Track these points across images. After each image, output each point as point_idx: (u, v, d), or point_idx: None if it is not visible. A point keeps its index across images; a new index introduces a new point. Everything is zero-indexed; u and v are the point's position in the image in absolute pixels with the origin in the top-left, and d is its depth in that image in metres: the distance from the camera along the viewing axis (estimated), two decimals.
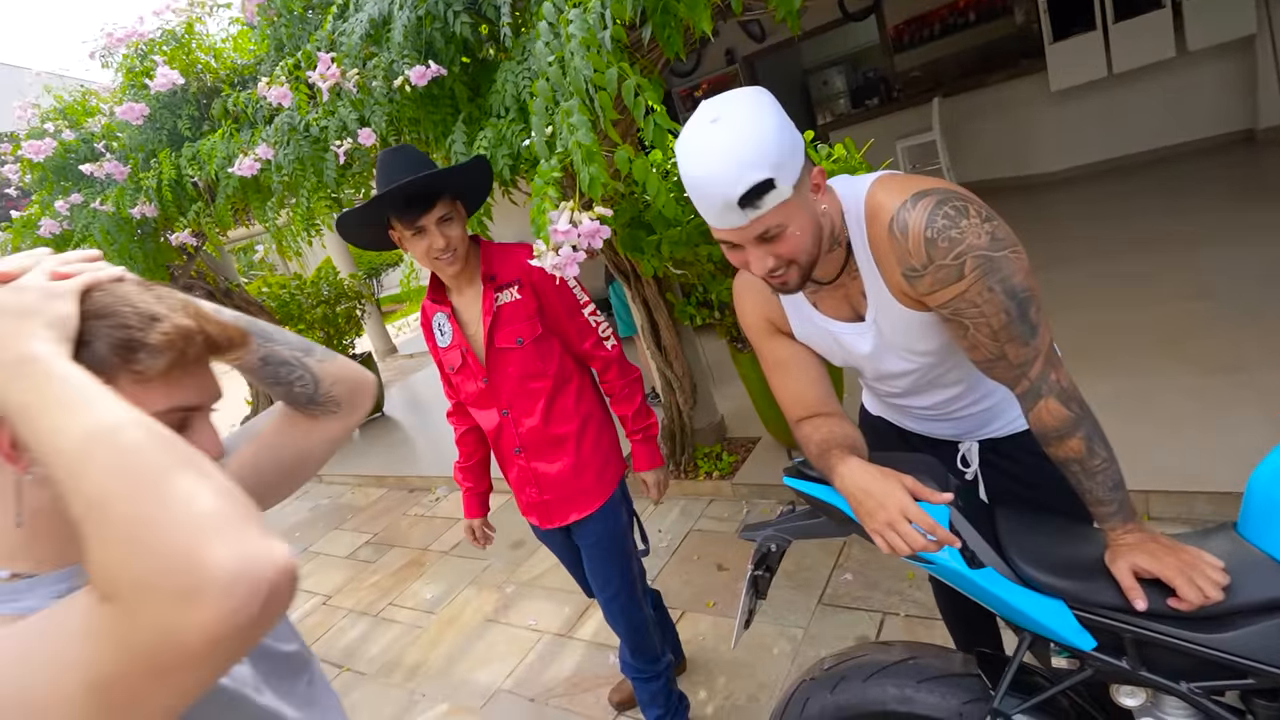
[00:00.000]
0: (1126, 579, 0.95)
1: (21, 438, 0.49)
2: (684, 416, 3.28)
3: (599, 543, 1.74)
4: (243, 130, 2.63)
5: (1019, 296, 0.95)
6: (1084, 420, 0.99)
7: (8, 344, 0.49)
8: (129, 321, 0.56)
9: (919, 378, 1.18)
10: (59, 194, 3.55)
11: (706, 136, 0.89)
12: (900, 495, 0.96)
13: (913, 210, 0.96)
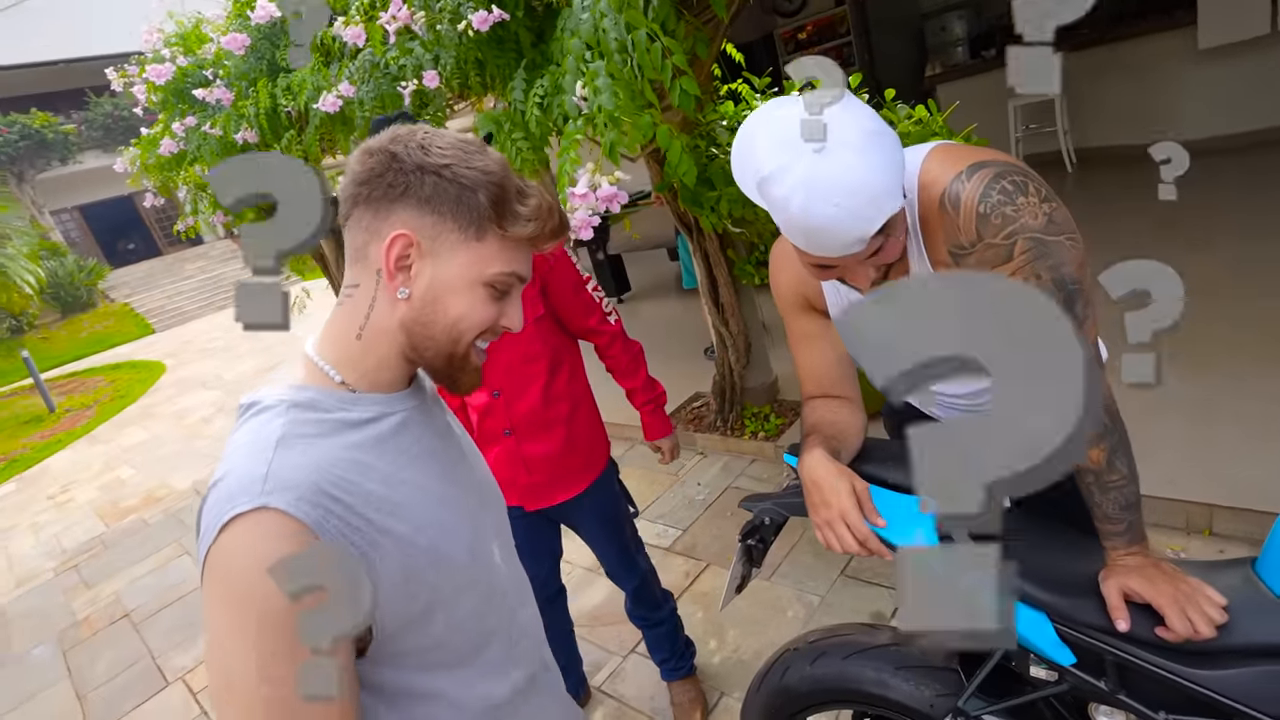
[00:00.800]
0: (1114, 598, 0.92)
1: (410, 262, 0.68)
2: (735, 375, 3.28)
3: (596, 517, 1.78)
4: (331, 65, 2.75)
5: (1067, 288, 0.88)
6: (1110, 433, 0.94)
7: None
8: (510, 186, 0.70)
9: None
10: (177, 116, 3.84)
11: (819, 171, 0.78)
12: (843, 499, 0.96)
13: (967, 182, 0.89)
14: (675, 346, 4.81)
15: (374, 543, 0.65)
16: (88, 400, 9.69)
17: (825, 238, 0.83)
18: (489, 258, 0.70)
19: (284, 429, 0.65)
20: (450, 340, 0.72)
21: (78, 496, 5.78)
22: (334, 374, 0.71)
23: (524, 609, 0.89)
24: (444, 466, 0.77)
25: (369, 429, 0.70)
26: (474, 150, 0.71)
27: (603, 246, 6.15)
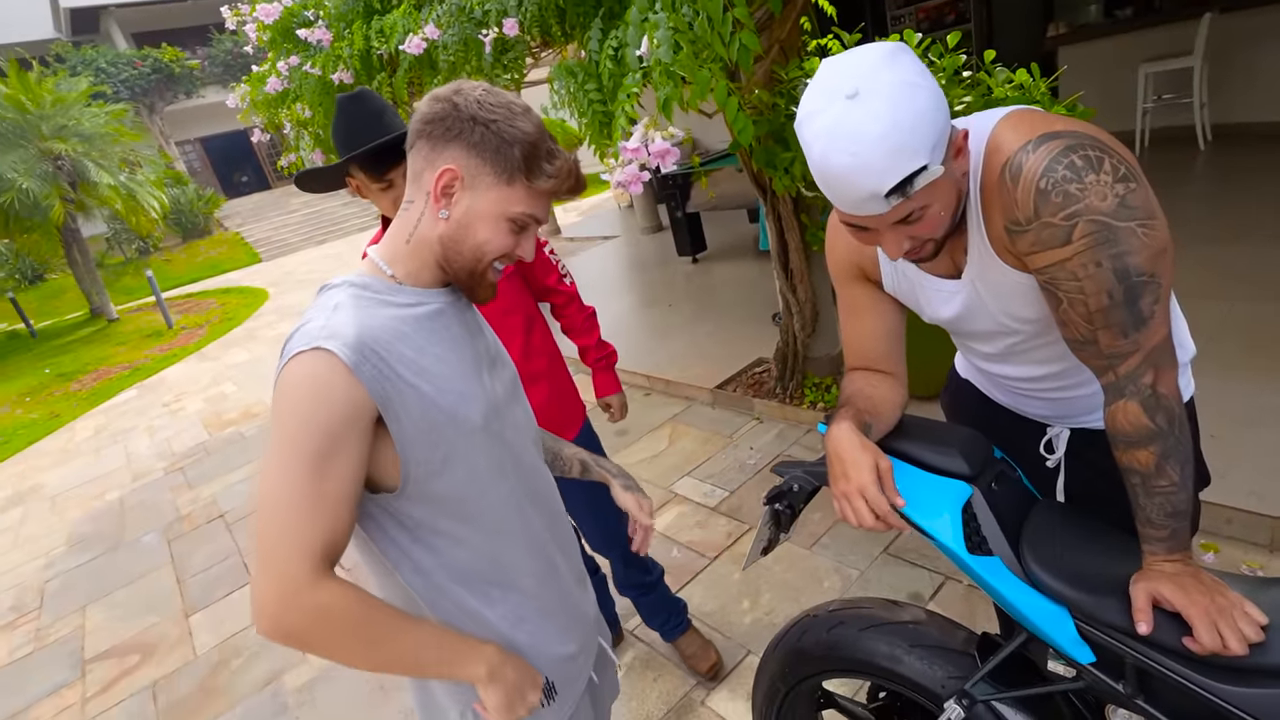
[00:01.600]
0: (1140, 600, 0.88)
1: (453, 191, 0.85)
2: (798, 342, 3.23)
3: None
4: (421, 9, 2.80)
5: (1132, 279, 0.81)
6: (1164, 436, 0.87)
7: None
8: (543, 147, 0.86)
9: (1011, 345, 1.08)
10: (283, 55, 4.03)
11: (845, 118, 0.77)
12: (864, 474, 0.95)
13: (1033, 153, 0.82)
14: (743, 309, 4.76)
15: (400, 392, 0.82)
16: (200, 320, 10.55)
17: (841, 187, 0.81)
18: (514, 199, 0.86)
19: (342, 298, 0.84)
20: (474, 258, 0.89)
21: (188, 406, 6.37)
22: (386, 268, 0.90)
23: (544, 502, 1.04)
24: (469, 352, 0.94)
25: (408, 310, 0.88)
26: (519, 112, 0.86)
27: (681, 205, 6.09)
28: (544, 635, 1.01)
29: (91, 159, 10.84)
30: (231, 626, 2.87)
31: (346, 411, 0.77)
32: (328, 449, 0.75)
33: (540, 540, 1.02)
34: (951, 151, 0.83)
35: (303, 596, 0.74)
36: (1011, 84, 2.34)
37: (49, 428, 6.73)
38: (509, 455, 0.96)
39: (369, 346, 0.80)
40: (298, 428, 0.76)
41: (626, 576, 1.96)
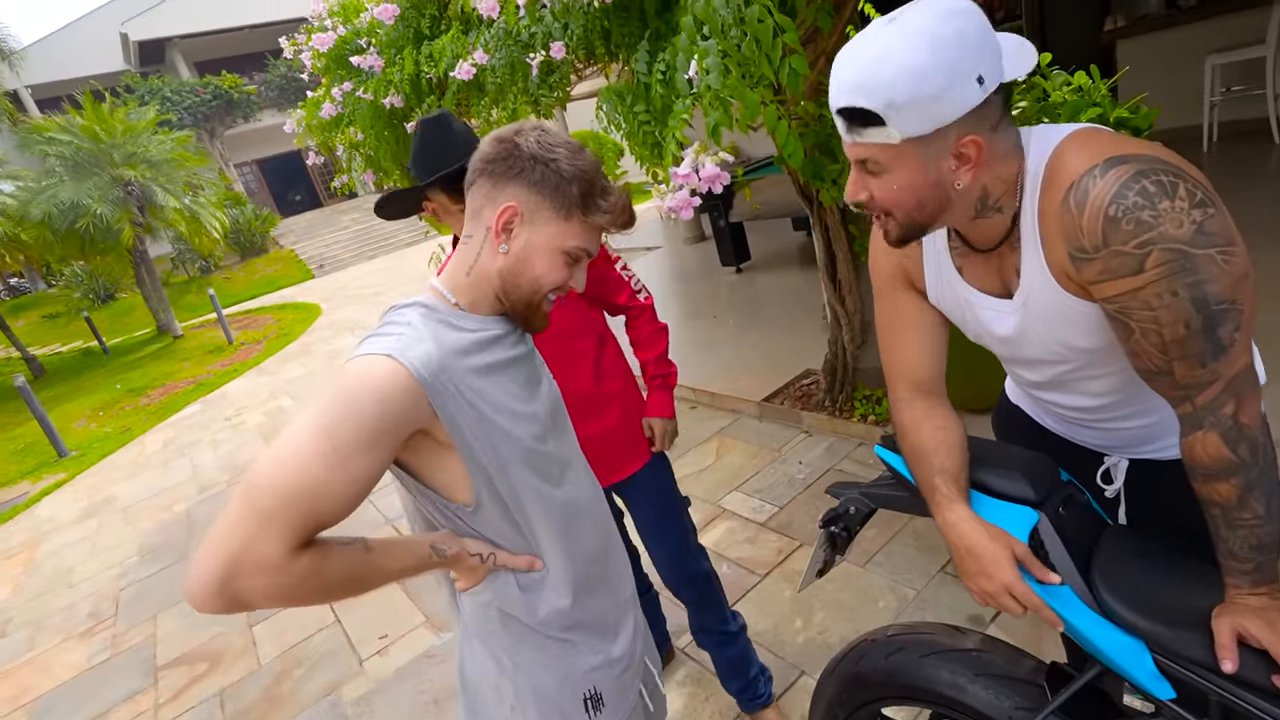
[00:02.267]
0: (1224, 636, 0.84)
1: (513, 226, 0.91)
2: (847, 354, 3.18)
3: (655, 492, 1.74)
4: (469, 33, 2.88)
5: (1211, 308, 0.77)
6: (1248, 469, 0.82)
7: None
8: (598, 184, 0.92)
9: (1063, 373, 1.03)
10: (336, 81, 4.18)
11: (863, 35, 0.82)
12: (1007, 571, 0.92)
13: (1100, 179, 0.79)
14: (789, 320, 4.71)
15: (462, 410, 0.88)
16: (258, 336, 10.98)
17: (833, 83, 0.84)
18: (570, 234, 0.92)
19: (413, 318, 0.90)
20: (531, 290, 0.95)
21: (248, 420, 6.63)
22: (450, 296, 0.96)
23: (596, 511, 1.10)
24: (521, 375, 1.00)
25: (470, 335, 0.93)
26: (576, 151, 0.92)
27: (724, 214, 6.07)
28: (592, 641, 1.06)
29: (158, 184, 11.42)
30: (292, 638, 2.97)
31: (397, 420, 0.82)
32: (362, 444, 0.79)
33: (592, 548, 1.07)
34: (942, 147, 0.82)
35: (272, 575, 0.75)
36: (1069, 86, 2.27)
37: (121, 441, 7.08)
38: (557, 467, 1.02)
39: (438, 364, 0.85)
40: (344, 416, 0.79)
41: (700, 619, 1.84)
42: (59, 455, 6.94)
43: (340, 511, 0.80)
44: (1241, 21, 5.21)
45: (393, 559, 0.90)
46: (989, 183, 0.88)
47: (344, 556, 0.84)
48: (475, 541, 0.97)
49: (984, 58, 0.79)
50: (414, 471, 0.93)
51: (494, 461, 0.92)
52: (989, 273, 0.99)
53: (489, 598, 1.00)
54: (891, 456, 1.20)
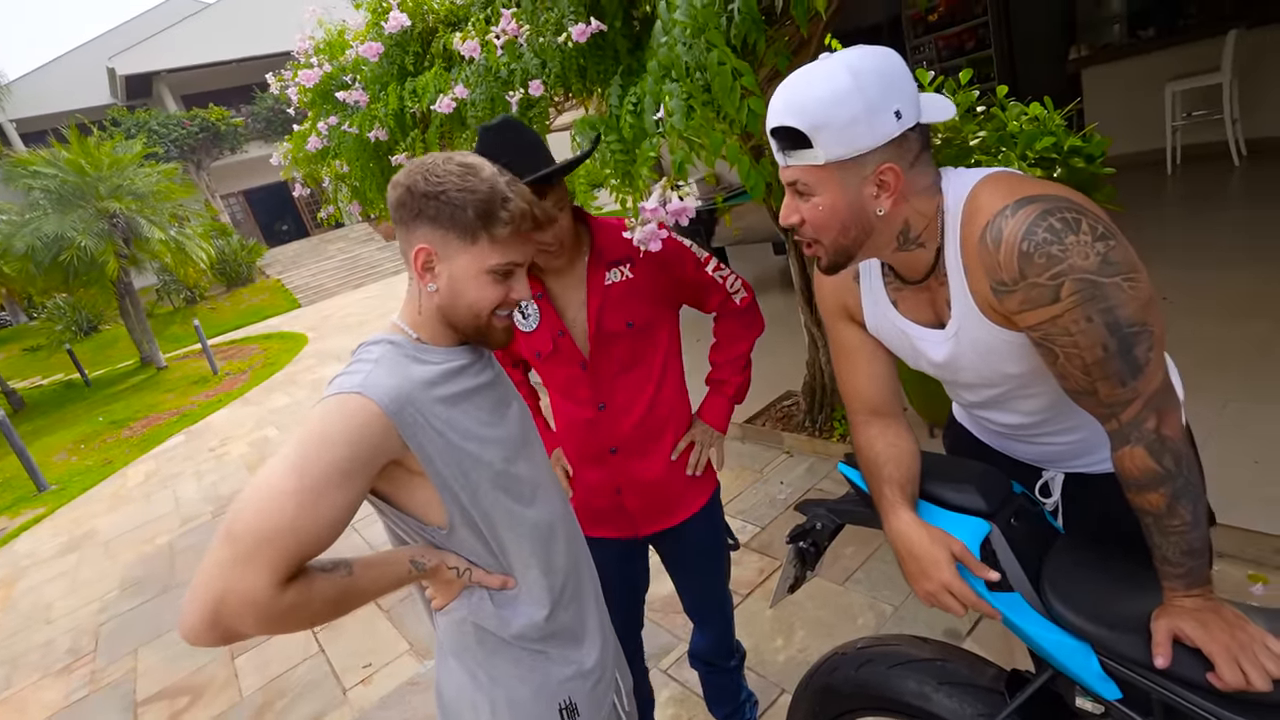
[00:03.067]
0: (1159, 635, 0.88)
1: (433, 265, 0.94)
2: (825, 376, 3.24)
3: (696, 549, 1.62)
4: (451, 69, 2.96)
5: (1123, 331, 0.84)
6: (1174, 478, 0.88)
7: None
8: (495, 198, 0.92)
9: (997, 394, 1.10)
10: (323, 115, 4.26)
11: (801, 69, 0.90)
12: (944, 570, 0.97)
13: (1011, 218, 0.86)
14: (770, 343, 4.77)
15: (431, 440, 0.92)
16: (244, 365, 10.93)
17: (769, 110, 0.92)
18: (484, 255, 0.94)
19: (380, 354, 0.94)
20: (472, 316, 0.98)
21: (232, 451, 6.58)
22: (411, 332, 1.00)
23: (569, 526, 1.15)
24: (488, 401, 1.03)
25: (435, 367, 0.97)
26: (467, 174, 0.93)
27: (707, 240, 6.17)
28: (565, 651, 1.09)
29: (144, 215, 11.43)
30: (275, 668, 2.94)
31: (369, 454, 0.86)
32: (334, 481, 0.82)
33: (567, 562, 1.11)
34: (862, 173, 0.90)
35: (260, 610, 0.79)
36: (1026, 116, 2.38)
37: (102, 474, 7.01)
38: (528, 488, 1.06)
39: (405, 396, 0.90)
40: (321, 452, 0.83)
41: (707, 653, 1.76)
42: (38, 490, 6.85)
43: (320, 545, 0.83)
44: (1198, 50, 5.43)
45: (375, 578, 0.94)
46: (910, 216, 0.95)
47: (328, 584, 0.87)
48: (453, 556, 1.01)
49: (901, 94, 0.88)
50: (390, 499, 0.97)
51: (465, 486, 0.96)
52: (921, 305, 1.06)
53: (464, 614, 1.03)
54: (853, 473, 1.25)
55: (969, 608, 0.99)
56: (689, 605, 1.73)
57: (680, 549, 1.63)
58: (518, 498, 1.03)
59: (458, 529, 0.98)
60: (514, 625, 1.04)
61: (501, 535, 1.02)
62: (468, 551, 1.01)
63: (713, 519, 1.63)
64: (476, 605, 1.03)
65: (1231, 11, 5.67)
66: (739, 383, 1.63)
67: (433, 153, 0.97)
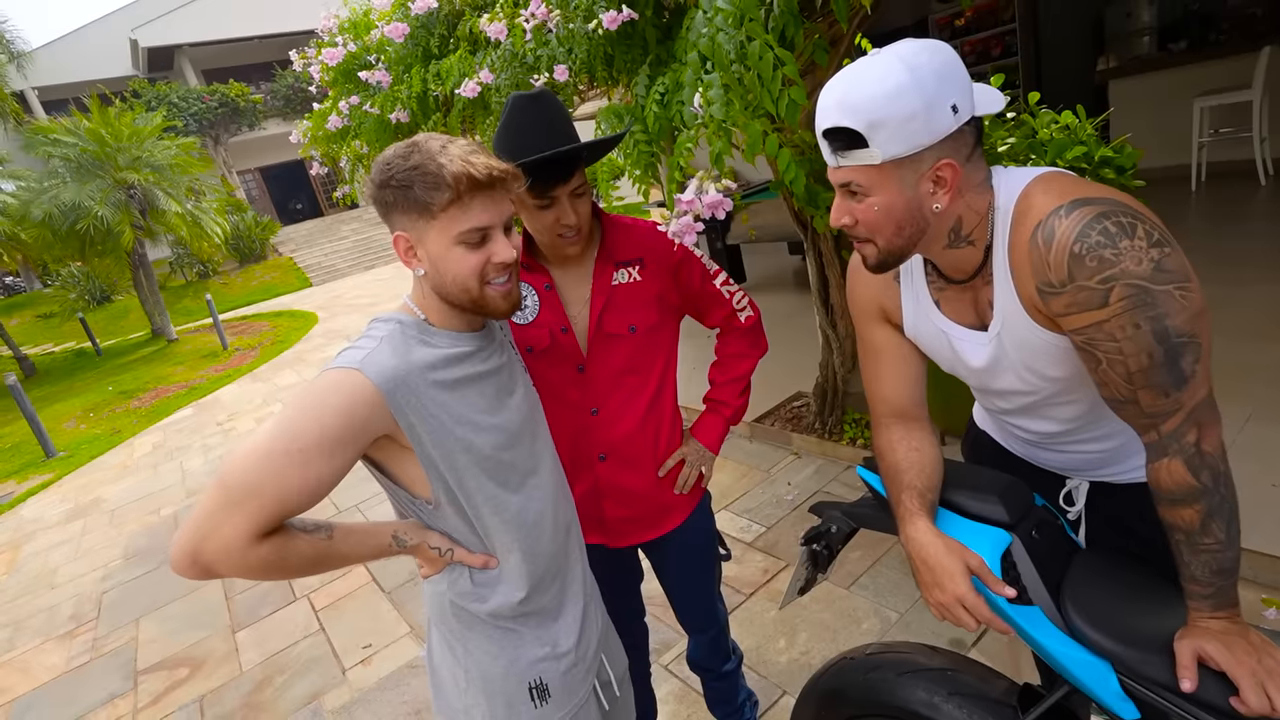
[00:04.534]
0: (1184, 657, 0.87)
1: (414, 249, 0.97)
2: (838, 378, 3.22)
3: (686, 558, 1.59)
4: (476, 54, 2.95)
5: (1172, 341, 0.82)
6: (1210, 494, 0.86)
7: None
8: (429, 168, 0.92)
9: (1033, 401, 1.08)
10: (344, 95, 4.25)
11: (849, 67, 0.88)
12: (959, 583, 0.95)
13: (1065, 218, 0.84)
14: (782, 342, 4.75)
15: (424, 420, 0.95)
16: (254, 342, 10.98)
17: (819, 110, 0.90)
18: (448, 224, 0.95)
19: (388, 332, 0.97)
20: (461, 289, 0.99)
21: (239, 426, 6.61)
22: (420, 314, 1.03)
23: (560, 513, 1.16)
24: (490, 388, 1.05)
25: (439, 351, 0.99)
26: (404, 155, 0.94)
27: (721, 236, 6.15)
28: (539, 632, 1.11)
29: (161, 188, 11.48)
30: (275, 644, 2.96)
31: (359, 426, 0.90)
32: (324, 450, 0.87)
33: (551, 547, 1.13)
34: (919, 170, 0.87)
35: (234, 557, 0.85)
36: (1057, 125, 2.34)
37: (110, 443, 7.06)
38: (518, 475, 1.08)
39: (400, 378, 0.93)
40: (310, 422, 0.87)
41: (704, 658, 1.74)
42: (46, 455, 6.91)
43: (301, 506, 0.88)
44: (1229, 66, 5.35)
45: (354, 545, 0.98)
46: (963, 212, 0.93)
47: (306, 543, 0.92)
48: (437, 535, 1.04)
49: (957, 88, 0.85)
50: (383, 468, 1.01)
51: (451, 468, 0.99)
52: (964, 306, 1.04)
53: (443, 588, 1.07)
54: (872, 477, 1.23)
55: (981, 622, 0.97)
56: (680, 614, 1.70)
57: (667, 559, 1.60)
58: (504, 484, 1.05)
59: (443, 505, 1.02)
60: (490, 603, 1.07)
61: (485, 518, 1.04)
62: (452, 528, 1.04)
63: (701, 529, 1.59)
64: (455, 580, 1.07)
65: (1265, 29, 5.58)
66: (737, 406, 1.59)
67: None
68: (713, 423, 1.56)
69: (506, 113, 1.24)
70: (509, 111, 1.24)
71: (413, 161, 0.93)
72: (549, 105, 1.23)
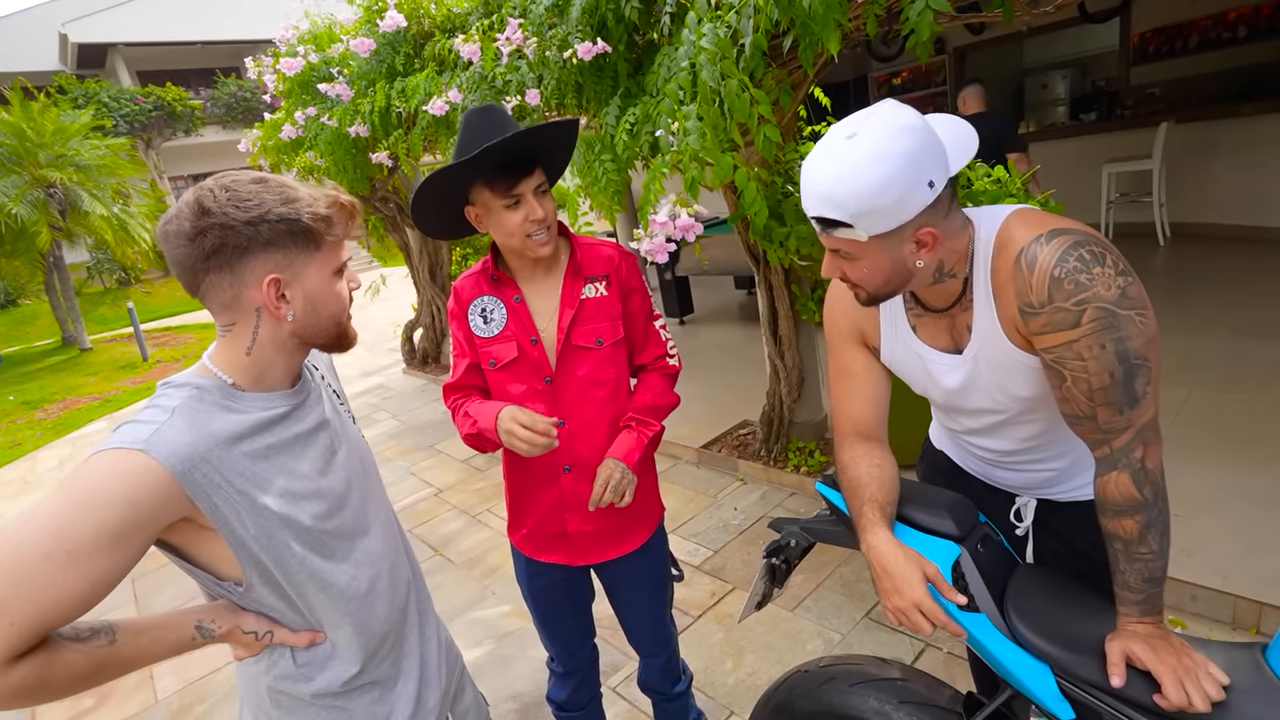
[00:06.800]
0: (1114, 656, 0.95)
1: (286, 294, 0.87)
2: (784, 407, 3.33)
3: (642, 580, 1.61)
4: (443, 74, 2.98)
5: (1130, 362, 0.91)
6: (1150, 508, 0.96)
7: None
8: (307, 199, 0.87)
9: (997, 421, 1.17)
10: (299, 105, 4.19)
11: (827, 147, 0.93)
12: (917, 589, 1.00)
13: (1045, 245, 0.94)
14: (729, 372, 4.88)
15: (230, 500, 0.83)
16: (177, 354, 10.41)
17: (805, 192, 0.97)
18: (330, 256, 0.91)
19: (180, 402, 0.84)
20: (335, 323, 0.94)
21: None
22: (226, 377, 0.89)
23: (393, 579, 1.06)
24: (312, 451, 0.95)
25: (247, 417, 0.88)
26: (269, 188, 0.87)
27: (671, 267, 6.28)
28: (371, 707, 1.01)
29: (86, 188, 10.88)
30: (195, 671, 2.78)
31: (146, 516, 0.76)
32: (102, 546, 0.73)
33: (387, 612, 1.03)
34: (904, 238, 0.95)
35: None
36: (990, 178, 2.54)
37: (9, 456, 6.53)
38: (344, 543, 0.97)
39: (199, 455, 0.80)
40: (81, 517, 0.72)
41: (655, 682, 1.76)
42: None
43: (71, 614, 0.74)
44: (1133, 137, 5.90)
45: (145, 646, 0.83)
46: (944, 256, 1.03)
47: (79, 656, 0.76)
48: (252, 617, 0.91)
49: (932, 164, 0.92)
50: (178, 551, 0.87)
51: (267, 547, 0.87)
52: (940, 331, 1.13)
53: (260, 669, 0.96)
54: (831, 493, 1.30)
55: (937, 627, 1.03)
56: (633, 638, 1.71)
57: (624, 583, 1.62)
58: (330, 554, 0.94)
59: (256, 587, 0.89)
60: (315, 683, 0.96)
61: (309, 596, 0.92)
62: (268, 607, 0.92)
63: (657, 553, 1.62)
64: (274, 663, 0.95)
65: (1163, 106, 6.20)
66: (658, 432, 1.52)
67: (196, 188, 0.86)
68: (637, 440, 1.46)
69: (462, 128, 1.28)
70: (463, 126, 1.28)
71: (290, 196, 0.86)
72: (498, 113, 1.28)
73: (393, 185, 5.37)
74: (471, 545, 3.35)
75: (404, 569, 1.10)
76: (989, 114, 4.57)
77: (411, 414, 5.49)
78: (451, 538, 3.45)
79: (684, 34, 1.36)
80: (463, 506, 3.77)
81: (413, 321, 6.58)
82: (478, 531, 3.47)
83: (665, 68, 1.86)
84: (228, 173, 0.87)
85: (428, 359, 6.54)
